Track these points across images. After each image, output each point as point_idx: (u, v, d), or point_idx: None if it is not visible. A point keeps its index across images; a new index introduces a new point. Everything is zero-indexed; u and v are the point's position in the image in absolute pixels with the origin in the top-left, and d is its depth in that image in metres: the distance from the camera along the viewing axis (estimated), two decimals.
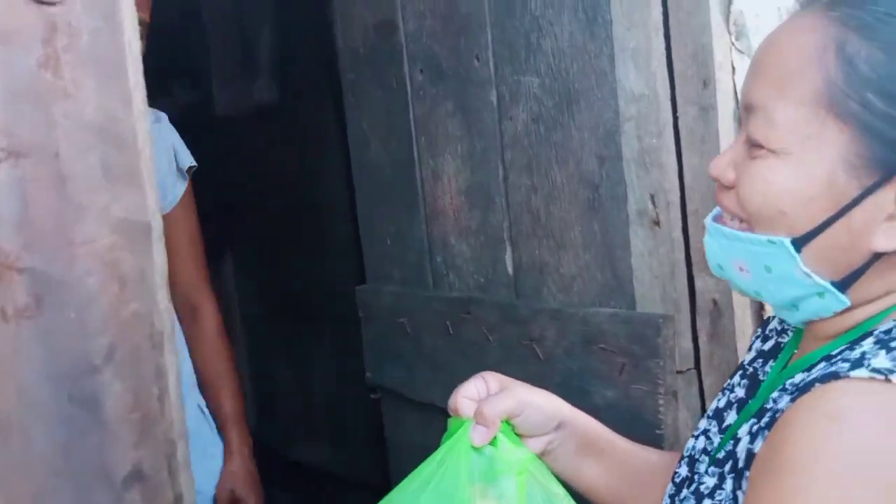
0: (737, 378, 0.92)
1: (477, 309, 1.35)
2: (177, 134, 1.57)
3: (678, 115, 1.09)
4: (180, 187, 1.55)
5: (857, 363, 0.63)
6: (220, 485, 1.58)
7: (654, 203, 1.10)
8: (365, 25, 1.53)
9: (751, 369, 0.90)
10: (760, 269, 0.72)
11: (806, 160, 0.67)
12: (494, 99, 1.30)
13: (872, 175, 0.65)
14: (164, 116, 1.57)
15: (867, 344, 0.66)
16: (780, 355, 0.86)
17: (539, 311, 1.25)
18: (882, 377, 0.61)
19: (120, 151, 0.57)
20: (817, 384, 0.63)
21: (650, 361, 1.10)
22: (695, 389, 1.12)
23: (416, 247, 1.50)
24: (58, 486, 0.54)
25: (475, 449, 0.88)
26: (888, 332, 0.67)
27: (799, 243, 0.68)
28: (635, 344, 1.11)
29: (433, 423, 1.50)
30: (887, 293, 0.70)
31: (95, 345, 0.55)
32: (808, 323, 0.76)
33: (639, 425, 1.11)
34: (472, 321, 1.36)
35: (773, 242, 0.69)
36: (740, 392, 0.89)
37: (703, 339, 1.11)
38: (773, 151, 0.68)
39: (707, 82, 1.04)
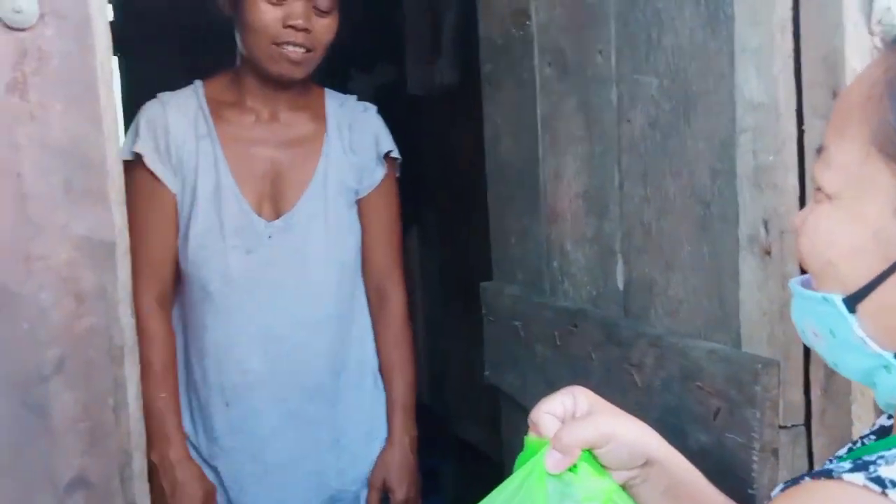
0: (844, 450, 0.79)
1: (583, 323, 1.26)
2: (381, 123, 1.63)
3: (804, 128, 0.93)
4: (378, 173, 1.59)
5: (862, 467, 0.53)
6: (374, 471, 1.56)
7: (766, 229, 0.95)
8: (503, 15, 1.46)
9: (860, 443, 0.77)
10: (828, 333, 0.63)
11: (856, 207, 0.59)
12: (614, 98, 1.19)
13: None
14: (372, 107, 1.64)
15: None
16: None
17: (640, 336, 1.14)
18: (878, 489, 0.50)
19: (86, 172, 0.58)
20: (807, 478, 0.54)
21: (747, 410, 0.96)
22: (801, 449, 0.96)
23: (537, 249, 1.43)
24: (2, 485, 0.57)
25: (554, 475, 0.82)
26: None
27: (851, 302, 0.59)
28: (733, 388, 0.98)
29: None
30: None
31: (46, 356, 0.57)
32: None
33: (731, 479, 0.98)
34: (578, 335, 1.28)
35: (826, 300, 0.61)
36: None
37: (815, 392, 0.95)
38: (828, 196, 0.61)
39: (837, 92, 0.87)
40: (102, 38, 0.58)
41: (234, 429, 1.47)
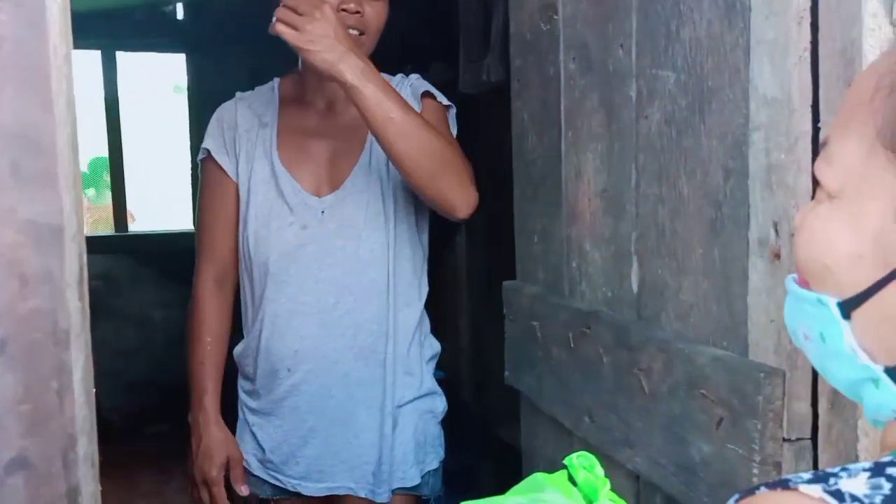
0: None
1: (596, 325, 1.23)
2: (421, 79, 1.62)
3: (820, 125, 0.87)
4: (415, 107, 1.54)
5: (822, 478, 0.49)
6: None
7: (776, 232, 0.90)
8: (531, 9, 1.44)
9: None
10: (818, 337, 0.59)
11: (858, 208, 0.54)
12: (633, 94, 1.15)
13: None
14: (415, 75, 1.63)
15: (867, 463, 0.50)
16: None
17: (649, 340, 1.10)
18: (835, 502, 0.46)
19: (35, 156, 0.59)
20: (763, 488, 0.51)
21: (748, 421, 0.91)
22: (806, 464, 0.91)
23: (557, 249, 1.39)
24: None
25: None
26: None
27: (846, 307, 0.55)
28: (735, 397, 0.93)
29: (561, 441, 1.40)
30: None
31: None
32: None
33: (729, 494, 0.93)
34: (590, 337, 1.24)
35: (820, 301, 0.56)
36: None
37: (823, 405, 0.89)
38: (829, 195, 0.56)
39: None
40: (57, 25, 0.59)
41: (297, 390, 1.56)
